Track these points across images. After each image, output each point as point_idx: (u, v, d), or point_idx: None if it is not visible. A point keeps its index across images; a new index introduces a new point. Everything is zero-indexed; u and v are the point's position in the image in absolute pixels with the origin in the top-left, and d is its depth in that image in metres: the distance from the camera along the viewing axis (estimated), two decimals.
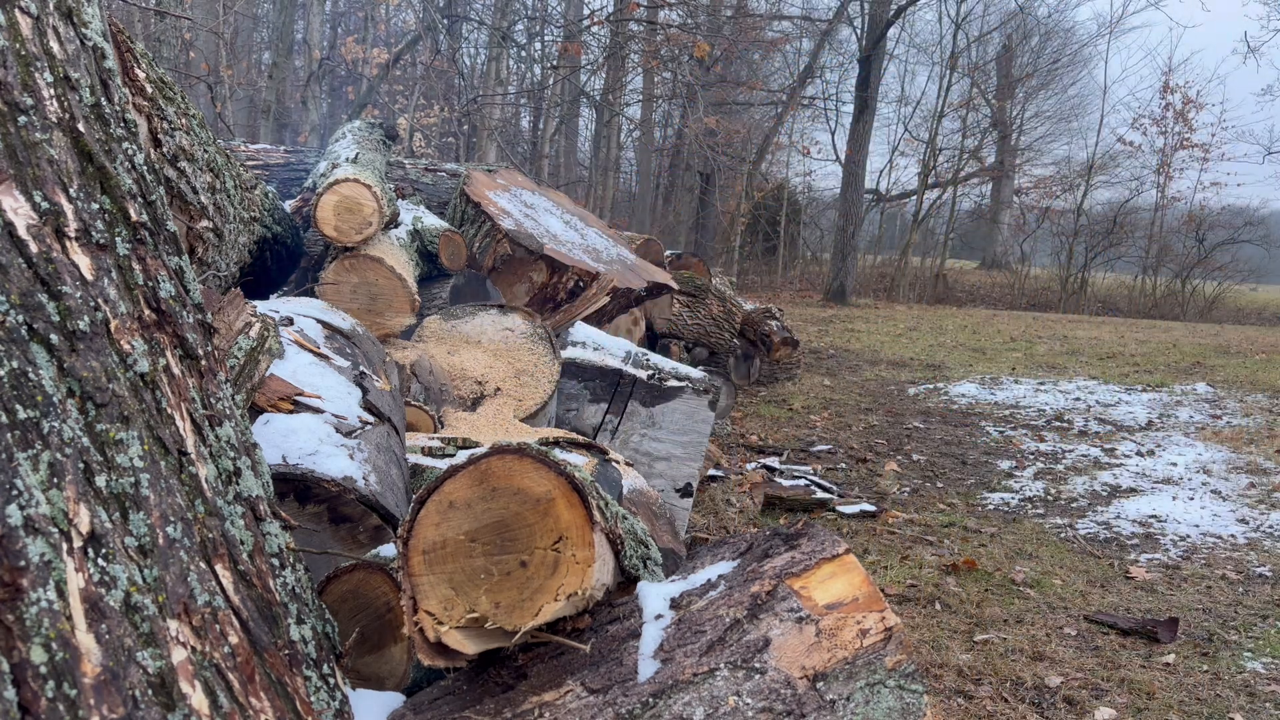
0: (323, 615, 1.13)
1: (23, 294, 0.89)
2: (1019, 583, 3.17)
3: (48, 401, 0.87)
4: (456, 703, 1.11)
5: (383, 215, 2.96)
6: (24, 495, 0.80)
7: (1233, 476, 4.54)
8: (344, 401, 1.93)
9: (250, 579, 1.03)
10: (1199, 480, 4.50)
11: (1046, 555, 3.49)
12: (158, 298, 1.06)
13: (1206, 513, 4.01)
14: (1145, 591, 3.15)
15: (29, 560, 0.79)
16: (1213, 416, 5.93)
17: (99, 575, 0.86)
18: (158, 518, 0.95)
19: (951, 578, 3.18)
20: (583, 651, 1.10)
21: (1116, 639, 2.74)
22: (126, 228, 1.05)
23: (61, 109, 1.00)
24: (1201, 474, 4.60)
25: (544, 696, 1.06)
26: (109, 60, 1.11)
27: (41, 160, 0.96)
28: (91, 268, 0.98)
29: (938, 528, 3.77)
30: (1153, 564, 3.44)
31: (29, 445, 0.84)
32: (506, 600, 1.06)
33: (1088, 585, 3.18)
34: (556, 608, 1.05)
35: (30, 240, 0.91)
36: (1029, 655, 2.59)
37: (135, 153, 1.11)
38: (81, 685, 0.79)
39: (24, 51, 0.97)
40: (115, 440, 0.94)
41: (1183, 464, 4.75)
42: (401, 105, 11.85)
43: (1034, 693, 2.37)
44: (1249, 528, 3.85)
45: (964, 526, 3.79)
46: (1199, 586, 3.21)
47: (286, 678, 1.01)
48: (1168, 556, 3.52)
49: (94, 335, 0.95)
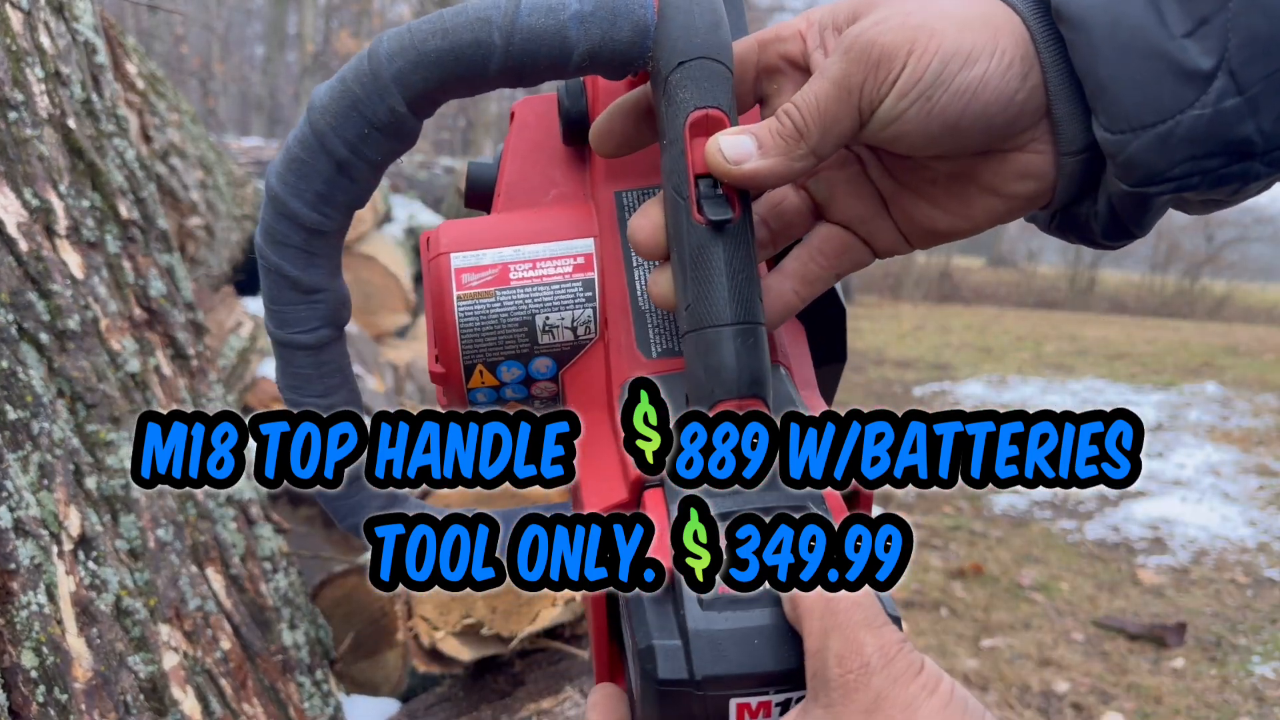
0: (316, 620, 1.12)
1: (12, 292, 0.88)
2: (1026, 587, 3.15)
3: (38, 402, 0.86)
4: (453, 709, 1.10)
5: (376, 212, 2.95)
6: (14, 497, 0.79)
7: (1242, 478, 4.51)
8: None
9: (243, 583, 1.01)
10: (1208, 482, 4.46)
11: (1054, 559, 3.46)
12: (148, 296, 1.04)
13: (1215, 515, 3.98)
14: (1154, 595, 3.13)
15: (19, 563, 0.78)
16: (1222, 417, 5.89)
17: (90, 578, 0.84)
18: (148, 520, 0.93)
19: (958, 582, 3.16)
20: (581, 658, 1.09)
21: (1124, 644, 2.71)
22: (117, 225, 1.03)
23: (52, 105, 0.99)
24: (1210, 475, 4.56)
25: (542, 703, 1.05)
26: (100, 55, 1.10)
27: (31, 157, 0.94)
28: (82, 266, 0.96)
29: (944, 531, 3.75)
30: (1161, 567, 3.41)
31: (19, 446, 0.83)
32: (503, 606, 1.04)
33: (1096, 589, 3.16)
34: (554, 613, 1.03)
35: (20, 238, 0.90)
36: (1036, 661, 2.57)
37: (126, 149, 1.09)
38: (73, 690, 0.78)
39: (15, 46, 0.96)
40: (106, 441, 0.92)
41: (1192, 465, 4.72)
42: None
43: (1041, 699, 2.35)
44: (1258, 530, 3.81)
45: (970, 530, 3.77)
46: (1208, 590, 3.18)
47: (279, 683, 1.00)
48: (1176, 560, 3.49)
49: (84, 334, 0.94)
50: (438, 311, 0.41)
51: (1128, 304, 17.04)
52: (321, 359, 0.40)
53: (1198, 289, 16.99)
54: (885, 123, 0.36)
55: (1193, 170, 0.34)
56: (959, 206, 0.39)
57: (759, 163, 0.35)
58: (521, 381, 0.42)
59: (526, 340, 0.41)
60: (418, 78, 0.35)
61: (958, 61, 0.34)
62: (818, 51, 0.38)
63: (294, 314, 0.39)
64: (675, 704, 0.31)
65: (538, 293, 0.41)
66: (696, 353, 0.35)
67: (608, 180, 0.43)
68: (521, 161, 0.45)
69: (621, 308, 0.40)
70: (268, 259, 0.38)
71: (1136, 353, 9.04)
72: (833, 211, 0.41)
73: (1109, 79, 0.34)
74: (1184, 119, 0.33)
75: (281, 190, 0.37)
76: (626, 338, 0.40)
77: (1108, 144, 0.35)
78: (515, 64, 0.35)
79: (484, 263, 0.41)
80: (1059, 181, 0.37)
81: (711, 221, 0.35)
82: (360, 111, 0.36)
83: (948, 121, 0.35)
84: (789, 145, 0.36)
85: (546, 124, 0.45)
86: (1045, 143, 0.37)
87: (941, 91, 0.34)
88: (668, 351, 0.39)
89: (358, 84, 0.36)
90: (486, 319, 0.40)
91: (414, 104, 0.36)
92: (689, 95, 0.35)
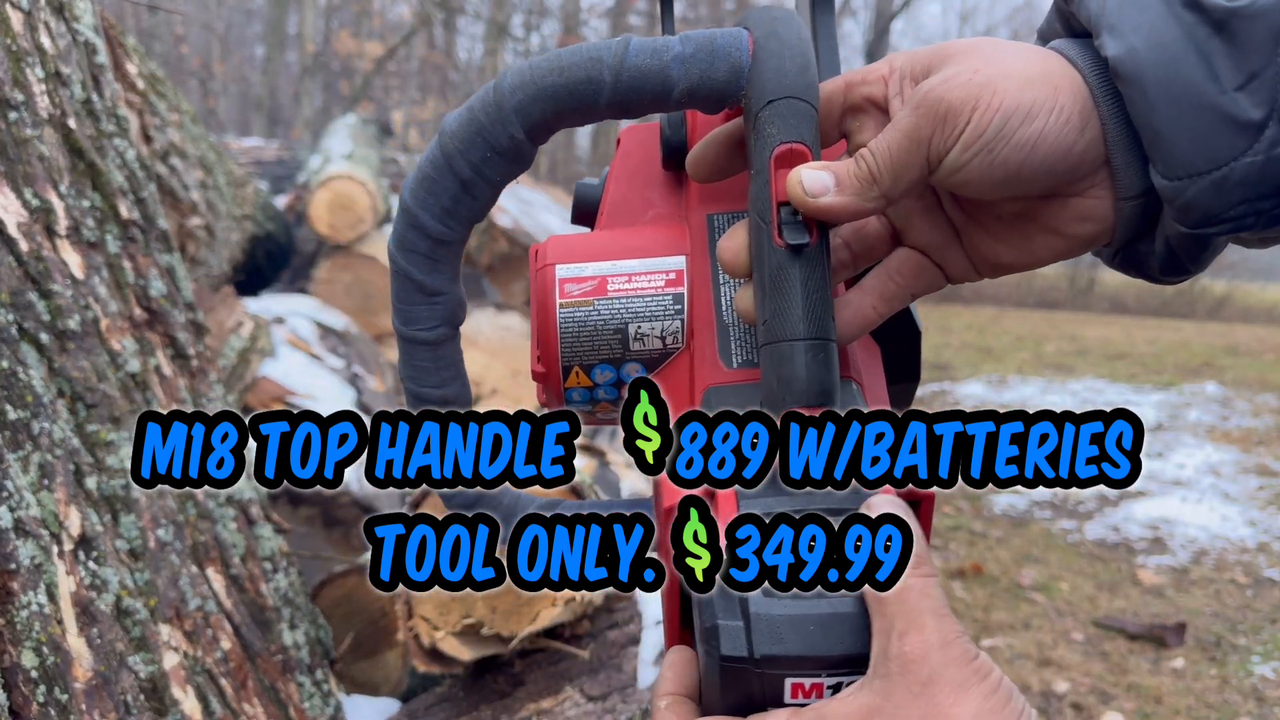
0: (316, 620, 1.12)
1: (12, 292, 0.88)
2: (1026, 587, 3.15)
3: (38, 402, 0.86)
4: (453, 709, 1.10)
5: (377, 212, 2.95)
6: (14, 497, 0.79)
7: (1242, 478, 4.51)
8: (337, 402, 1.92)
9: (243, 583, 1.01)
10: (1208, 482, 4.46)
11: (1054, 559, 3.46)
12: (149, 296, 1.04)
13: (1215, 515, 3.98)
14: (1154, 595, 3.13)
15: (19, 563, 0.78)
16: (1222, 417, 5.89)
17: (90, 578, 0.84)
18: (149, 520, 0.93)
19: (958, 582, 3.16)
20: (581, 658, 1.09)
21: (1124, 644, 2.71)
22: (117, 225, 1.03)
23: (52, 105, 0.99)
24: (1210, 475, 4.56)
25: (542, 703, 1.05)
26: (100, 55, 1.10)
27: (32, 157, 0.94)
28: (82, 266, 0.96)
29: (944, 531, 3.74)
30: (1161, 567, 3.41)
31: (19, 446, 0.83)
32: (503, 605, 1.04)
33: (1096, 589, 3.16)
34: (554, 613, 1.03)
35: (20, 238, 0.90)
36: (1036, 661, 2.57)
37: (126, 149, 1.09)
38: (73, 690, 0.78)
39: (15, 47, 0.96)
40: (106, 441, 0.92)
41: (1192, 465, 4.72)
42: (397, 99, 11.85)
43: (1041, 699, 2.35)
44: (1258, 530, 3.81)
45: (970, 530, 3.77)
46: (1207, 590, 3.18)
47: (280, 683, 1.00)
48: (1176, 560, 3.49)
49: (84, 334, 0.94)
50: (541, 316, 0.45)
51: (1128, 304, 17.03)
52: (439, 354, 0.44)
53: (1198, 289, 16.97)
54: (951, 171, 0.39)
55: (1247, 212, 0.37)
56: (1022, 243, 0.43)
57: (835, 199, 0.39)
58: (613, 384, 0.46)
59: (619, 346, 0.45)
60: (536, 109, 0.40)
61: (1018, 118, 0.37)
62: (896, 99, 0.41)
63: (417, 313, 0.43)
64: (735, 679, 0.35)
65: (632, 304, 0.45)
66: (771, 364, 0.38)
67: (701, 203, 0.47)
68: (624, 184, 0.50)
69: (707, 320, 0.44)
70: (398, 263, 0.43)
71: (1136, 353, 9.04)
72: (910, 237, 0.44)
73: (1165, 130, 0.36)
74: (1238, 166, 0.36)
75: (413, 204, 0.42)
76: (710, 348, 0.44)
77: (1165, 190, 0.38)
78: (622, 98, 0.40)
79: (585, 274, 0.45)
80: (1117, 224, 0.41)
81: (790, 245, 0.38)
82: (484, 137, 0.40)
83: (1009, 171, 0.38)
84: (863, 187, 0.39)
85: (648, 151, 0.50)
86: (1104, 188, 0.40)
87: (1002, 145, 0.38)
88: (747, 363, 0.43)
89: (483, 113, 0.40)
90: (585, 325, 0.45)
91: (531, 132, 0.40)
92: (776, 130, 0.39)
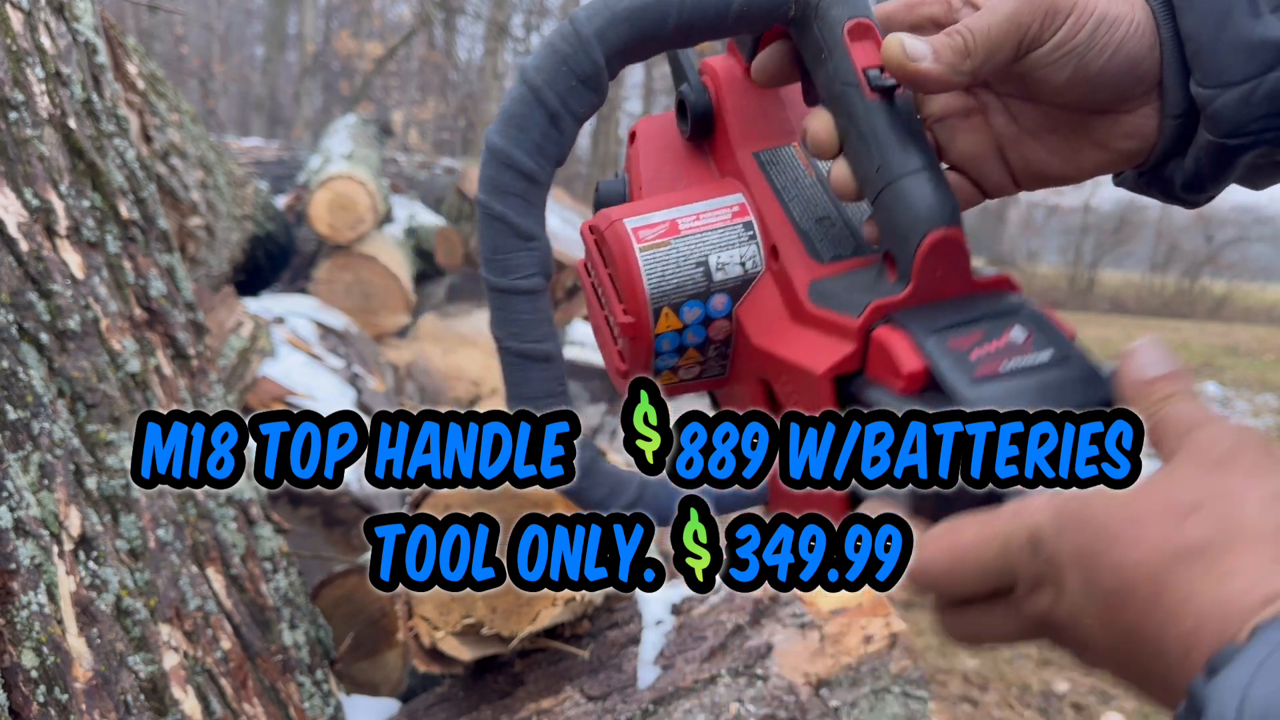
0: (316, 620, 1.12)
1: (12, 292, 0.88)
2: None
3: (38, 402, 0.86)
4: (453, 709, 1.10)
5: (377, 212, 2.95)
6: (14, 497, 0.79)
7: None
8: (337, 402, 1.92)
9: (243, 583, 1.01)
10: None
11: None
12: (149, 296, 1.04)
13: None
14: None
15: (19, 563, 0.78)
16: None
17: (90, 578, 0.84)
18: (149, 520, 0.93)
19: None
20: (581, 658, 1.09)
21: None
22: (117, 225, 1.03)
23: (52, 105, 0.99)
24: None
25: (542, 703, 1.05)
26: (100, 55, 1.10)
27: (32, 157, 0.94)
28: (82, 266, 0.96)
29: None
30: None
31: (19, 446, 0.83)
32: (503, 605, 1.04)
33: None
34: (554, 613, 1.03)
35: (20, 238, 0.90)
36: (1036, 660, 2.57)
37: (126, 149, 1.09)
38: (73, 690, 0.78)
39: (15, 47, 0.96)
40: (106, 441, 0.92)
41: None
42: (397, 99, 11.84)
43: (1041, 698, 2.35)
44: None
45: None
46: None
47: (279, 683, 1.00)
48: None
49: (84, 334, 0.94)
50: (623, 266, 0.46)
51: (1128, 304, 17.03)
52: (538, 304, 0.44)
53: (1198, 289, 16.98)
54: (1036, 65, 0.42)
55: (1269, 125, 0.41)
56: (1070, 155, 0.46)
57: (930, 65, 0.41)
58: (701, 322, 0.47)
59: (703, 279, 0.46)
60: (612, 32, 0.42)
61: (1107, 24, 0.42)
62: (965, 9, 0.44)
63: (515, 260, 0.43)
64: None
65: (706, 237, 0.47)
66: (896, 204, 0.40)
67: (744, 146, 0.49)
68: (653, 162, 0.52)
69: (786, 233, 0.46)
70: (492, 208, 0.43)
71: None
72: (950, 153, 0.47)
73: (1207, 42, 0.42)
74: (1266, 80, 0.41)
75: (504, 143, 0.42)
76: (799, 254, 0.45)
77: (1200, 97, 0.42)
78: (688, 19, 0.42)
79: (654, 220, 0.47)
80: (1159, 141, 0.45)
81: (883, 89, 0.40)
82: (569, 65, 0.42)
83: (1088, 75, 0.42)
84: (956, 59, 0.41)
85: (666, 135, 0.53)
86: (1153, 107, 0.44)
87: (1090, 48, 0.42)
88: (837, 257, 0.45)
89: (564, 43, 0.42)
90: (667, 264, 0.46)
91: (610, 58, 0.42)
92: (841, 11, 0.42)
